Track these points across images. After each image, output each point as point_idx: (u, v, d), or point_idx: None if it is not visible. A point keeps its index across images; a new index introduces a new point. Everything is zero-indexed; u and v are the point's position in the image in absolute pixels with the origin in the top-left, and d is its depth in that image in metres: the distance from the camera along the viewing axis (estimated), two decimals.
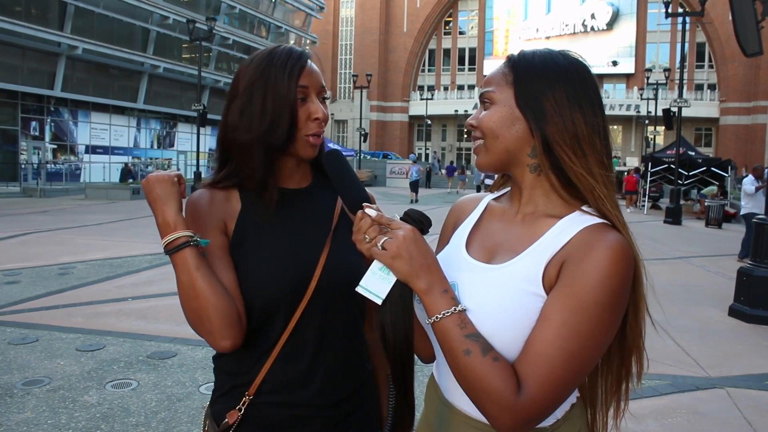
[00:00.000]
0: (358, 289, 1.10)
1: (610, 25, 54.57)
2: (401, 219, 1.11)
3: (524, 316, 1.06)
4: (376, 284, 1.10)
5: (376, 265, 1.10)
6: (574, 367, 1.02)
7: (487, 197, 1.36)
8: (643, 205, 23.06)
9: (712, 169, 21.72)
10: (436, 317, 1.04)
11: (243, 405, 1.33)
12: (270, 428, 1.35)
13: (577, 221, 1.12)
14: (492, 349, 1.03)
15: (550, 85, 1.13)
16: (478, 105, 1.24)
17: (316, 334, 1.36)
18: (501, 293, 1.09)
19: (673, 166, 20.54)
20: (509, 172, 1.22)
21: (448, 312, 1.04)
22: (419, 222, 1.11)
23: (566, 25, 56.08)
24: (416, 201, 25.20)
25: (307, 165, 1.46)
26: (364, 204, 1.12)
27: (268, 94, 1.31)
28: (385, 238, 1.06)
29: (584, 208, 1.14)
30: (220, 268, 1.30)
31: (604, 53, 53.89)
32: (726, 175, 21.95)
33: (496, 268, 1.14)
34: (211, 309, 1.22)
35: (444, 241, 1.36)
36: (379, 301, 1.10)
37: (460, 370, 1.03)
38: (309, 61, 1.39)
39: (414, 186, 26.17)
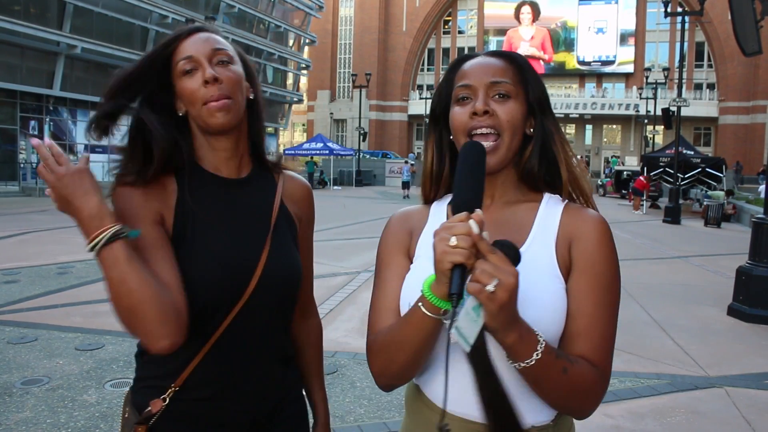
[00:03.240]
0: (453, 332, 0.95)
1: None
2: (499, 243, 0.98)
3: (553, 297, 1.13)
4: (467, 326, 0.96)
5: (470, 304, 0.96)
6: (614, 332, 1.17)
7: (434, 206, 1.34)
8: (642, 204, 22.95)
9: (707, 169, 21.73)
10: (530, 360, 1.01)
11: (168, 395, 1.28)
12: (194, 422, 1.31)
13: (553, 202, 1.24)
14: (567, 355, 1.09)
15: (545, 90, 1.25)
16: (480, 88, 1.20)
17: (250, 333, 1.33)
18: (529, 282, 1.08)
19: (669, 168, 20.53)
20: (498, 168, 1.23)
21: (541, 347, 1.02)
22: (513, 259, 0.97)
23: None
24: (408, 197, 27.00)
25: (245, 153, 1.42)
26: (477, 211, 0.97)
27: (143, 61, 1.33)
28: (496, 280, 0.92)
29: (546, 193, 1.26)
30: (157, 259, 1.21)
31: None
32: (722, 175, 21.94)
33: None
34: (147, 307, 1.12)
35: (400, 246, 1.30)
36: (468, 348, 0.97)
37: (563, 388, 1.07)
38: (199, 32, 1.34)
39: (405, 184, 28.80)
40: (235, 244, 1.33)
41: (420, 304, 1.03)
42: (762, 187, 21.80)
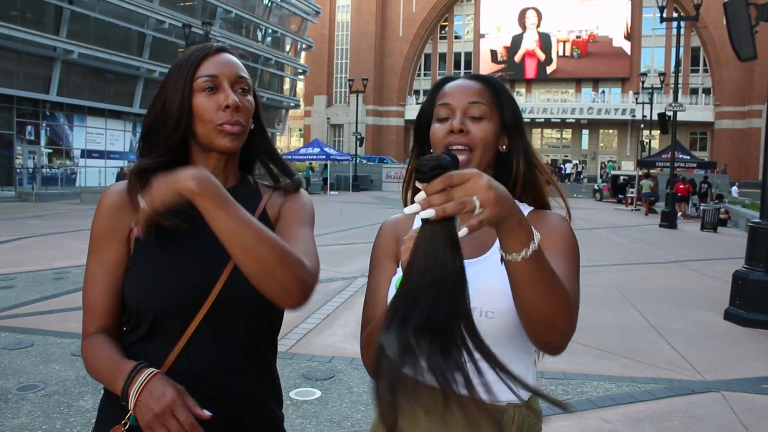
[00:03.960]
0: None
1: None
2: (417, 170, 0.94)
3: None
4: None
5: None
6: (577, 296, 1.24)
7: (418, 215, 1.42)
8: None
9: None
10: (528, 250, 1.02)
11: (128, 419, 1.21)
12: None
13: (521, 209, 1.30)
14: None
15: (519, 111, 1.39)
16: (458, 108, 1.34)
17: (211, 354, 1.27)
18: (497, 278, 1.16)
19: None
20: None
21: (537, 237, 1.04)
22: (442, 167, 0.92)
23: (558, 31, 56.30)
24: None
25: (234, 164, 1.41)
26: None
27: (168, 84, 1.33)
28: (476, 197, 0.92)
29: (516, 201, 1.36)
30: (101, 282, 1.31)
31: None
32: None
33: (482, 260, 1.30)
34: None
35: (389, 252, 1.43)
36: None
37: (553, 292, 1.07)
38: (224, 53, 1.36)
39: None
40: (196, 257, 1.29)
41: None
42: None
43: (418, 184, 0.96)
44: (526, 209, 1.38)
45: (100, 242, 1.33)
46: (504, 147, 1.38)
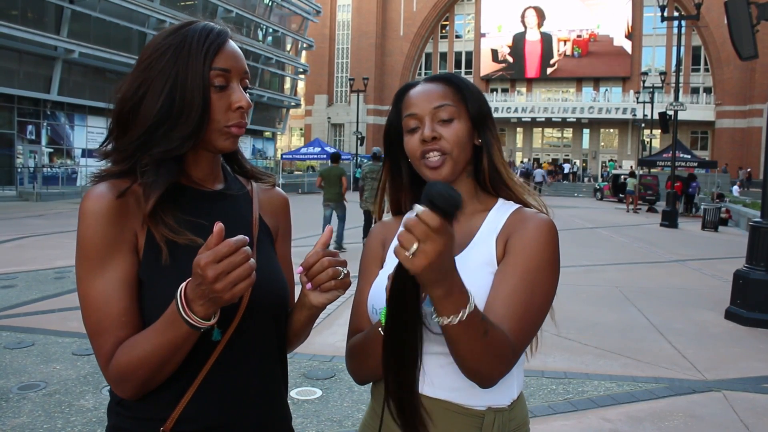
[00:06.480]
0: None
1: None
2: (425, 203, 0.92)
3: (486, 288, 1.23)
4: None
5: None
6: (536, 314, 1.22)
7: (406, 218, 1.42)
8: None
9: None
10: (455, 318, 1.01)
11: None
12: None
13: (504, 208, 1.36)
14: (489, 320, 1.12)
15: (485, 103, 1.37)
16: (425, 116, 1.32)
17: (245, 358, 1.22)
18: (468, 277, 1.12)
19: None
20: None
21: (469, 308, 1.02)
22: (445, 211, 0.90)
23: (559, 30, 56.27)
24: None
25: (219, 160, 1.32)
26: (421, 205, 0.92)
27: (178, 74, 1.16)
28: (415, 246, 0.91)
29: (501, 199, 1.38)
30: (113, 299, 1.13)
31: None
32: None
33: (462, 256, 1.28)
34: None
35: (375, 258, 1.45)
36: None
37: (480, 351, 1.08)
38: (230, 40, 1.22)
39: None
40: None
41: (380, 328, 1.18)
42: None
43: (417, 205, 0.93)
44: (510, 207, 1.35)
45: (102, 255, 1.13)
46: (479, 141, 1.37)
